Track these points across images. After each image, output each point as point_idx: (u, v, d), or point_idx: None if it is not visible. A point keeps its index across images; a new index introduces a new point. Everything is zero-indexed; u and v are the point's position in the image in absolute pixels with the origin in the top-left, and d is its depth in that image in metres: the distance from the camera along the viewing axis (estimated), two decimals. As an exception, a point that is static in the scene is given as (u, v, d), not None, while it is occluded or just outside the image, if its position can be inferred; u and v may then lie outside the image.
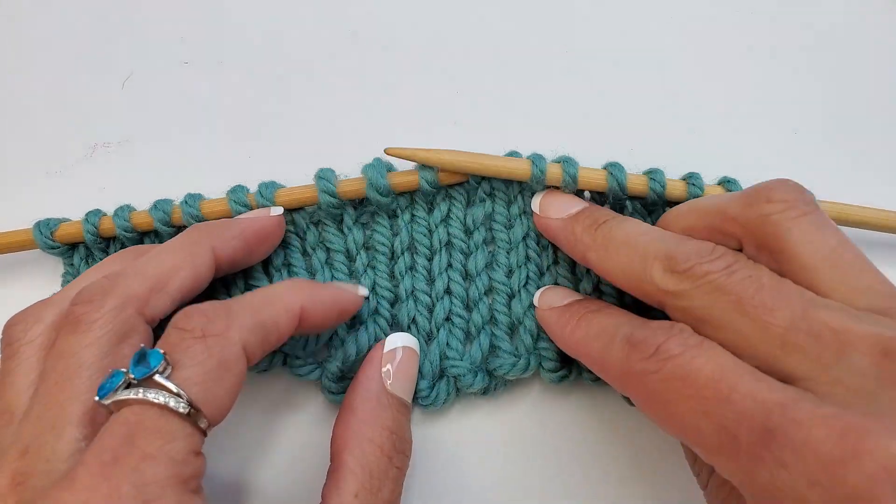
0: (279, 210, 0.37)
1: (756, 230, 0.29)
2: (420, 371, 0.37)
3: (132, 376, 0.26)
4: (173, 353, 0.27)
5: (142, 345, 0.29)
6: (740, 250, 0.31)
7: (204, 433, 0.27)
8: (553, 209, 0.36)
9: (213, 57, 0.44)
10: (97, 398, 0.26)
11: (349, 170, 0.39)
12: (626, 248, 0.31)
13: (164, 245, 0.33)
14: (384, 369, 0.34)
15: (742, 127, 0.43)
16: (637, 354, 0.27)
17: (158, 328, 0.31)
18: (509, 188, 0.39)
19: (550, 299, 0.36)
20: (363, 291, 0.37)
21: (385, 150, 0.36)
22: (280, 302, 0.31)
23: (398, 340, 0.36)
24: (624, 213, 0.38)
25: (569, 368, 0.37)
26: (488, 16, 0.45)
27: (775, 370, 0.25)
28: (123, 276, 0.30)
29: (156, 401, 0.25)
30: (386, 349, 0.35)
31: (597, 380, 0.37)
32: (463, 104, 0.43)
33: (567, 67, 0.44)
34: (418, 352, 0.36)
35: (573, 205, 0.36)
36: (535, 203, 0.37)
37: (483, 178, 0.38)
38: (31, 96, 0.44)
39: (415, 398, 0.37)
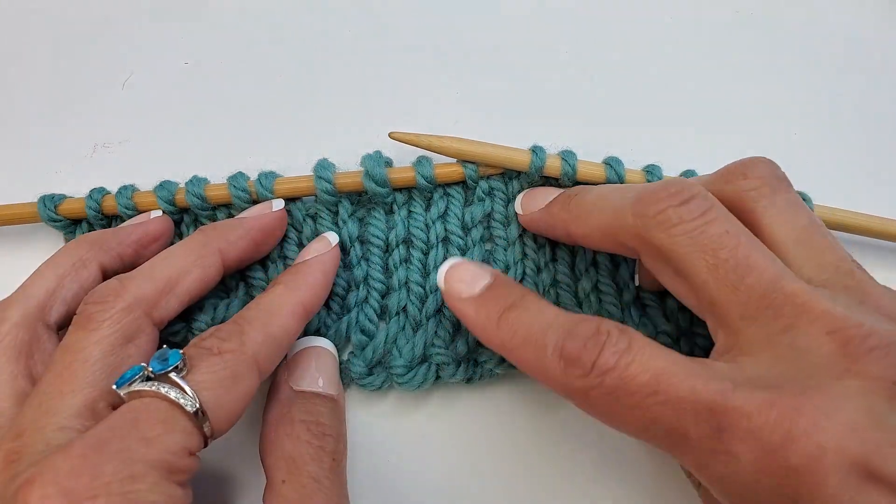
0: (281, 203, 0.38)
1: (732, 205, 0.30)
2: (399, 352, 0.37)
3: (150, 370, 0.27)
4: (191, 360, 0.28)
5: (146, 345, 0.31)
6: None
7: (205, 439, 0.28)
8: (533, 204, 0.37)
9: (213, 57, 0.44)
10: (114, 387, 0.27)
11: (349, 169, 0.39)
12: (597, 208, 0.32)
13: (172, 247, 0.35)
14: (291, 373, 0.35)
15: (741, 128, 0.43)
16: (575, 371, 0.27)
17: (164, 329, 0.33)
18: (508, 187, 0.39)
19: (459, 284, 0.33)
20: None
21: (389, 135, 0.37)
22: (283, 309, 0.33)
23: (304, 344, 0.36)
24: None
25: None
26: (489, 15, 0.45)
27: (726, 326, 0.27)
28: (134, 278, 0.32)
29: (167, 395, 0.27)
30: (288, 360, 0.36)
31: None
32: (463, 104, 0.43)
33: (567, 67, 0.44)
34: (323, 346, 0.37)
35: (550, 194, 0.36)
36: (518, 205, 0.38)
37: (482, 177, 0.39)
38: (32, 97, 0.44)
39: (390, 377, 0.37)
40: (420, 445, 0.37)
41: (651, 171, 0.37)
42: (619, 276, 0.38)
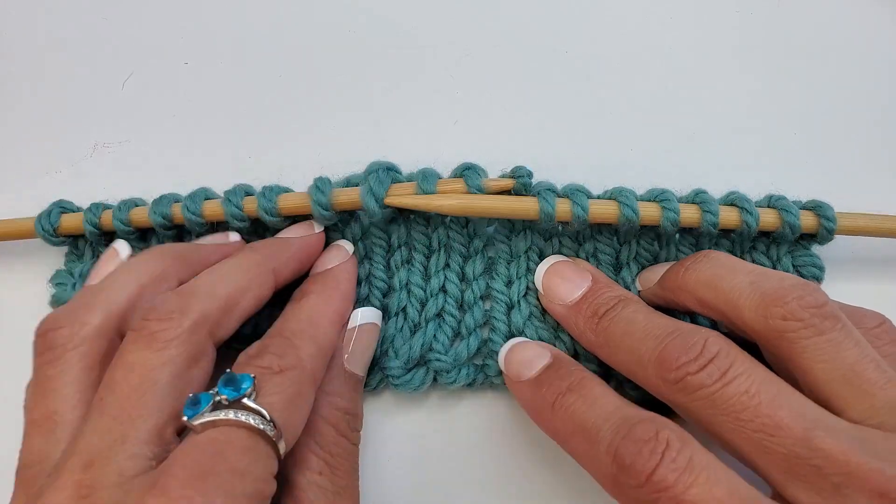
0: (321, 227, 0.37)
1: (770, 343, 0.29)
2: (396, 353, 0.37)
3: (225, 397, 0.26)
4: (257, 382, 0.28)
5: (208, 367, 0.30)
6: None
7: (279, 458, 0.27)
8: (555, 293, 0.36)
9: (213, 57, 0.44)
10: (185, 418, 0.26)
11: (349, 170, 0.39)
12: (624, 349, 0.31)
13: (230, 264, 0.33)
14: (346, 346, 0.34)
15: (742, 127, 0.43)
16: (628, 479, 0.26)
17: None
18: None
19: (518, 367, 0.34)
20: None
21: (385, 202, 0.36)
22: (325, 319, 0.33)
23: (358, 317, 0.36)
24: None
25: None
26: (489, 16, 0.45)
27: (772, 481, 0.26)
28: (196, 295, 0.30)
29: (246, 422, 0.26)
30: (349, 327, 0.35)
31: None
32: (463, 104, 0.43)
33: (567, 67, 0.44)
34: (378, 323, 0.36)
35: (574, 287, 0.35)
36: (538, 281, 0.37)
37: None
38: (32, 96, 0.44)
39: (386, 377, 0.37)
40: (417, 446, 0.37)
41: (665, 200, 0.36)
42: (619, 282, 0.38)
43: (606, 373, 0.37)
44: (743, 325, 0.30)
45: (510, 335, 0.38)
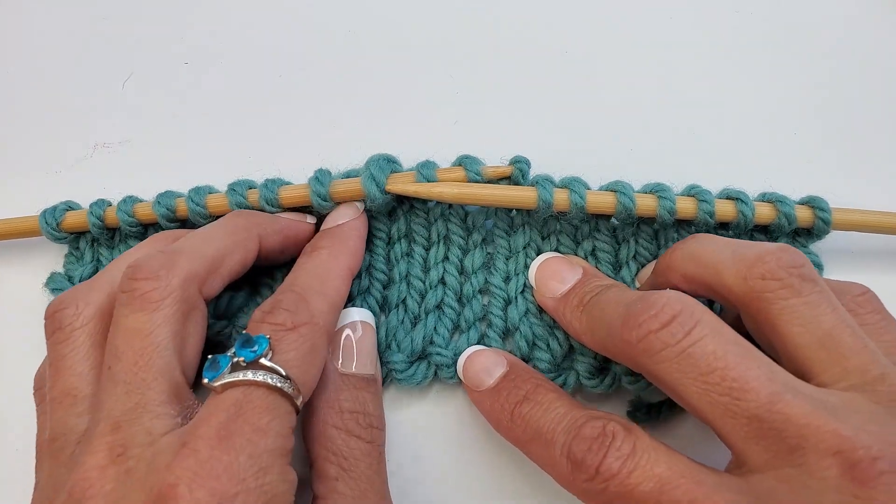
0: (314, 219, 0.38)
1: (749, 305, 0.29)
2: (398, 346, 0.37)
3: (242, 359, 0.28)
4: (271, 340, 0.29)
5: (201, 321, 0.31)
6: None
7: (297, 411, 0.28)
8: (546, 287, 0.36)
9: (213, 57, 0.44)
10: (206, 381, 0.27)
11: (349, 169, 0.39)
12: (600, 326, 0.31)
13: (215, 227, 0.34)
14: (335, 353, 0.34)
15: (742, 127, 0.43)
16: (581, 475, 0.27)
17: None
18: None
19: (476, 376, 0.35)
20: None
21: (385, 189, 0.36)
22: (333, 273, 0.34)
23: (345, 318, 0.36)
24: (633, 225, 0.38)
25: (565, 377, 0.37)
26: (489, 16, 0.45)
27: (731, 446, 0.26)
28: (182, 253, 0.31)
29: (264, 381, 0.27)
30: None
31: (635, 381, 0.36)
32: (463, 104, 0.43)
33: (567, 67, 0.44)
34: (370, 321, 0.36)
35: (564, 281, 0.36)
36: (532, 276, 0.37)
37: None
38: (32, 96, 0.44)
39: (389, 372, 0.37)
40: (417, 437, 0.37)
41: (662, 192, 0.36)
42: (619, 280, 0.38)
43: (604, 367, 0.37)
44: (724, 290, 0.30)
45: (507, 331, 0.38)
